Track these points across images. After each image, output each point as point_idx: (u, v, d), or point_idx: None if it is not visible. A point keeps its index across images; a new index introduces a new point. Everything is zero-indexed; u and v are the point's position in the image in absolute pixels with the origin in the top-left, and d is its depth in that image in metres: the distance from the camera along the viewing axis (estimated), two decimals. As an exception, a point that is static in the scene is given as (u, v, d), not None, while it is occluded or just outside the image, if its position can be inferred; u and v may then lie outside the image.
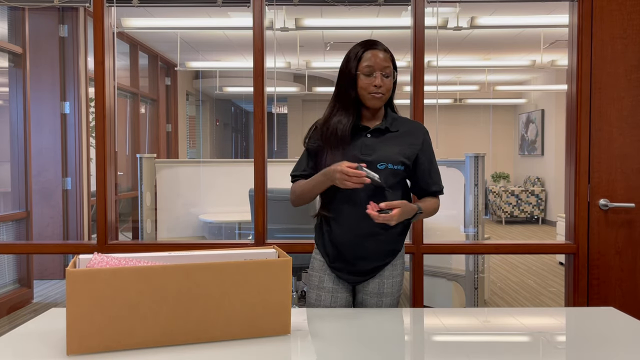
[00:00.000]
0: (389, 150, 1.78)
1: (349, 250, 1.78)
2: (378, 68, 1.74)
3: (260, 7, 2.61)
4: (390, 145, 1.79)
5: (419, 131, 1.86)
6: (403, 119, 1.88)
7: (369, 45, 1.78)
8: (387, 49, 1.80)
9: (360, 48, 1.78)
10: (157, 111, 7.50)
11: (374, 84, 1.74)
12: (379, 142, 1.79)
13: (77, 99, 5.14)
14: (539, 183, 10.09)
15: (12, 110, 4.58)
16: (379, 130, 1.80)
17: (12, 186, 4.63)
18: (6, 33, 4.63)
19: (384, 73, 1.74)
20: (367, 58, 1.75)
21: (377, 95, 1.75)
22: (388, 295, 1.82)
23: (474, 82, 10.25)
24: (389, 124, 1.81)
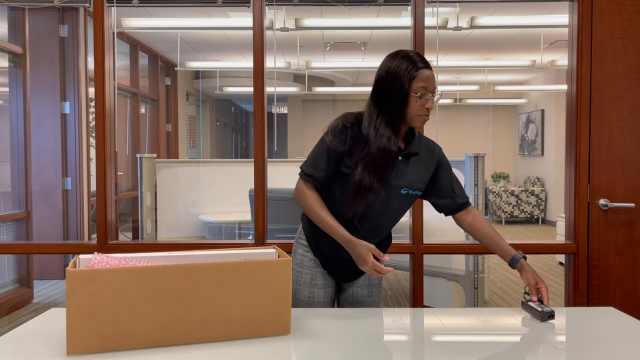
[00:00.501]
0: (413, 176, 1.74)
1: (346, 258, 1.75)
2: (431, 90, 1.63)
3: (260, 7, 2.61)
4: (414, 169, 1.74)
5: (433, 151, 1.81)
6: (420, 137, 1.80)
7: (422, 63, 1.64)
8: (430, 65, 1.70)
9: (412, 65, 1.62)
10: (157, 111, 7.50)
11: (426, 107, 1.63)
12: (407, 167, 1.73)
13: (77, 99, 5.15)
14: (539, 183, 10.09)
15: (12, 110, 4.58)
16: (409, 154, 1.73)
17: (12, 186, 4.63)
18: (6, 33, 4.63)
19: (433, 94, 1.65)
20: (422, 79, 1.61)
21: (425, 117, 1.66)
22: (377, 286, 1.90)
23: (474, 82, 10.25)
24: (417, 146, 1.74)
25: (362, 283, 1.87)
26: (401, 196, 1.73)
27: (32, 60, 4.91)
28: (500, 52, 7.76)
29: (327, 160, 1.70)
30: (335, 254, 1.79)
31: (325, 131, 1.72)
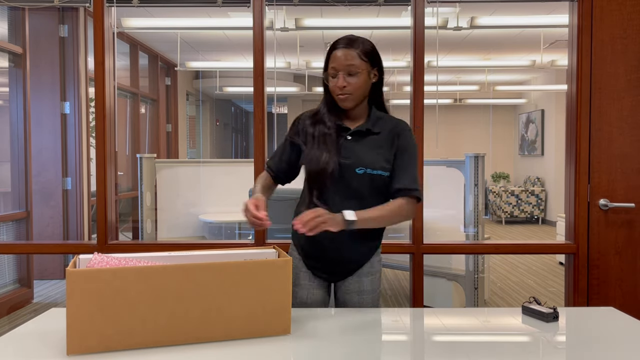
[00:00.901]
0: (369, 155, 1.70)
1: (325, 251, 1.75)
2: (340, 68, 1.67)
3: (260, 7, 2.61)
4: (371, 148, 1.72)
5: (395, 132, 1.75)
6: (388, 118, 1.79)
7: (334, 44, 1.72)
8: (356, 43, 1.69)
9: (329, 49, 1.73)
10: (157, 111, 7.50)
11: (337, 85, 1.69)
12: (360, 145, 1.72)
13: (77, 99, 5.15)
14: (539, 183, 10.09)
15: (12, 110, 4.58)
16: (360, 133, 1.73)
17: (12, 186, 4.63)
18: (6, 33, 4.63)
19: (349, 72, 1.67)
20: (333, 59, 1.70)
21: (342, 96, 1.70)
22: (368, 293, 1.80)
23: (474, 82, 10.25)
24: (371, 125, 1.74)
25: (352, 289, 1.80)
26: (360, 176, 1.69)
27: (32, 60, 4.91)
28: (500, 52, 7.76)
29: (283, 151, 1.84)
30: (314, 249, 1.77)
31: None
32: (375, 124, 1.75)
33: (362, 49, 1.70)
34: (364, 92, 1.73)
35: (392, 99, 10.46)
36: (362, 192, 1.71)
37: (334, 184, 1.71)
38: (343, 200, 1.69)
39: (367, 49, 1.71)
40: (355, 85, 1.69)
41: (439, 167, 4.07)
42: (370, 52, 1.72)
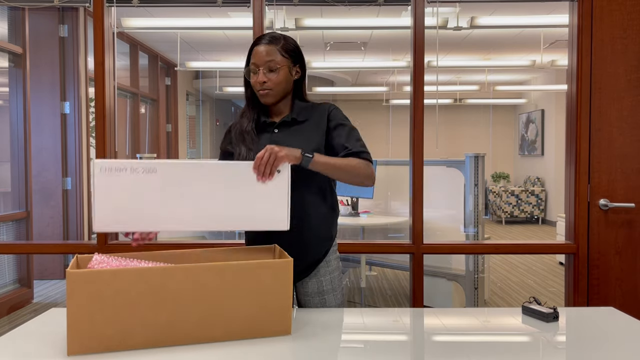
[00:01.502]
0: (299, 143, 1.68)
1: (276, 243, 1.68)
2: (261, 64, 1.67)
3: (260, 7, 2.61)
4: (300, 136, 1.72)
5: (323, 112, 1.76)
6: (312, 105, 1.79)
7: (256, 41, 1.72)
8: (276, 40, 1.70)
9: (252, 44, 1.73)
10: (157, 111, 7.50)
11: (257, 81, 1.69)
12: (288, 136, 1.72)
13: (77, 99, 5.15)
14: (539, 183, 10.09)
15: (12, 110, 4.58)
16: (286, 124, 1.74)
17: (12, 186, 4.63)
18: (6, 33, 4.63)
19: (268, 67, 1.67)
20: (253, 55, 1.70)
21: (262, 92, 1.70)
22: (329, 292, 1.77)
23: (474, 82, 10.25)
24: (296, 114, 1.75)
25: (312, 290, 1.77)
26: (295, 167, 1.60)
27: (32, 60, 4.91)
28: (500, 52, 7.77)
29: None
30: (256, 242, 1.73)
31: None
32: (300, 114, 1.75)
33: (283, 45, 1.70)
34: (285, 88, 1.73)
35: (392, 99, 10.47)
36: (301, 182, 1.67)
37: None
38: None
39: (289, 46, 1.72)
40: (276, 80, 1.69)
41: (439, 167, 4.07)
42: (291, 49, 1.72)
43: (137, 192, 1.33)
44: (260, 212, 1.46)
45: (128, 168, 1.33)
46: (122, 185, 1.32)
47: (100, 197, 1.28)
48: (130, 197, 1.32)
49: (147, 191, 1.35)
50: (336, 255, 1.83)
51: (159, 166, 1.37)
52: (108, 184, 1.30)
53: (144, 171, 1.34)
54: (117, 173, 1.31)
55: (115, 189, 1.31)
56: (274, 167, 1.48)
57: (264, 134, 1.75)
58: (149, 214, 1.35)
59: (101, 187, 1.29)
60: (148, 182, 1.35)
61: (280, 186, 1.48)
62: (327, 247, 1.79)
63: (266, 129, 1.75)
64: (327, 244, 1.78)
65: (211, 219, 1.40)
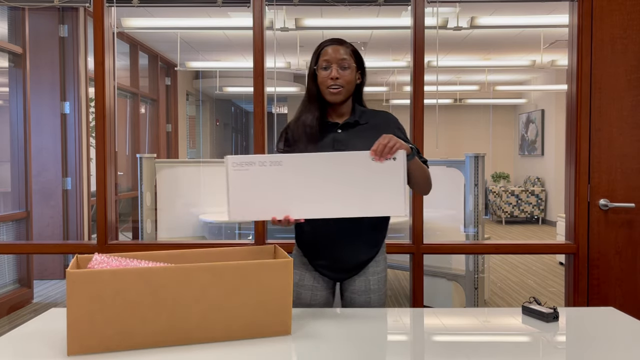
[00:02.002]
0: (362, 144, 1.71)
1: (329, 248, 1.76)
2: (334, 61, 1.73)
3: (260, 7, 2.61)
4: (362, 138, 1.75)
5: (389, 121, 1.83)
6: (371, 111, 1.86)
7: (328, 41, 1.79)
8: (348, 45, 1.79)
9: (319, 46, 1.79)
10: (157, 111, 7.50)
11: (330, 77, 1.72)
12: (351, 136, 1.77)
13: (77, 99, 5.15)
14: (539, 183, 10.09)
15: (12, 110, 4.58)
16: (349, 124, 1.78)
17: (12, 186, 4.63)
18: (6, 33, 4.63)
19: (341, 65, 1.73)
20: (323, 52, 1.76)
21: (333, 88, 1.73)
22: (375, 292, 1.82)
23: (474, 82, 10.25)
24: (358, 117, 1.80)
25: (359, 288, 1.81)
26: None
27: (32, 60, 4.91)
28: (500, 52, 7.76)
29: None
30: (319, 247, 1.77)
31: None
32: (361, 117, 1.81)
33: (352, 49, 1.79)
34: (351, 89, 1.78)
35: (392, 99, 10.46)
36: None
37: None
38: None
39: (356, 52, 1.80)
40: (347, 78, 1.74)
41: (439, 167, 4.06)
42: (357, 54, 1.80)
43: (265, 183, 1.43)
44: (379, 199, 1.53)
45: (256, 162, 1.43)
46: (252, 178, 1.42)
47: (234, 189, 1.38)
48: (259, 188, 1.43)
49: (274, 182, 1.44)
50: (384, 256, 1.87)
51: (284, 158, 1.48)
52: (240, 177, 1.40)
53: (271, 164, 1.45)
54: (247, 167, 1.42)
55: (247, 182, 1.41)
56: (392, 151, 1.54)
57: (326, 133, 1.77)
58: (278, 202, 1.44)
59: (234, 180, 1.39)
60: (275, 174, 1.45)
61: (396, 173, 1.54)
62: (379, 247, 1.84)
63: (328, 129, 1.78)
64: (380, 244, 1.84)
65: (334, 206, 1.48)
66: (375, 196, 1.52)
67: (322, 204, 1.48)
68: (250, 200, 1.43)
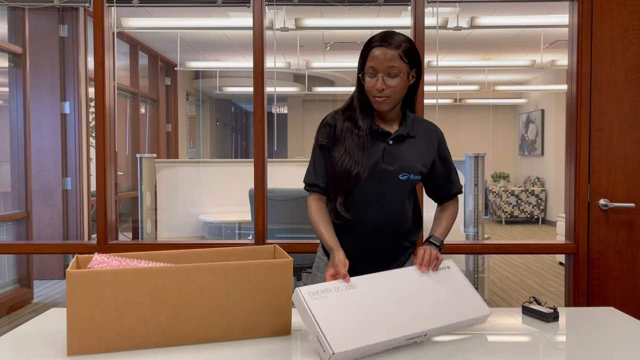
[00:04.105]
0: (410, 159, 1.66)
1: (361, 257, 1.68)
2: (381, 69, 1.58)
3: (260, 7, 2.61)
4: (410, 152, 1.67)
5: (432, 135, 1.74)
6: (419, 119, 1.75)
7: (375, 42, 1.61)
8: (397, 43, 1.59)
9: (366, 45, 1.63)
10: (157, 111, 7.50)
11: (375, 87, 1.59)
12: (400, 150, 1.66)
13: (77, 99, 5.14)
14: (539, 183, 10.09)
15: (12, 110, 4.58)
16: (400, 137, 1.67)
17: (12, 186, 4.63)
18: (6, 33, 4.63)
19: (389, 73, 1.58)
20: (371, 58, 1.59)
21: (379, 99, 1.61)
22: None
23: (474, 82, 10.24)
24: (409, 128, 1.68)
25: None
26: (401, 182, 1.65)
27: (32, 60, 4.91)
28: (500, 52, 7.76)
29: (324, 161, 1.70)
30: (349, 254, 1.66)
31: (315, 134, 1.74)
32: (412, 128, 1.70)
33: (404, 49, 1.60)
34: (402, 95, 1.65)
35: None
36: (396, 197, 1.67)
37: (366, 190, 1.64)
38: (369, 206, 1.65)
39: (409, 49, 1.61)
40: (395, 88, 1.60)
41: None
42: (411, 52, 1.62)
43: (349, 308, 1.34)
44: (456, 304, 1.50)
45: (331, 289, 1.37)
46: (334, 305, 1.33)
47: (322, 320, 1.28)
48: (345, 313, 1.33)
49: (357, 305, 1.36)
50: (410, 259, 1.80)
51: (357, 281, 1.41)
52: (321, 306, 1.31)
53: (346, 288, 1.38)
54: (324, 294, 1.34)
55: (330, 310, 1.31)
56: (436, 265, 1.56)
57: (375, 141, 1.66)
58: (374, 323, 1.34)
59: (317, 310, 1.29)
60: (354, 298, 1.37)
61: (459, 279, 1.58)
62: (410, 251, 1.80)
63: (378, 137, 1.66)
64: (411, 250, 1.80)
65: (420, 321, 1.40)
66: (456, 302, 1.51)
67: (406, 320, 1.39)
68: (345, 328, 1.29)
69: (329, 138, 1.68)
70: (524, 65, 7.02)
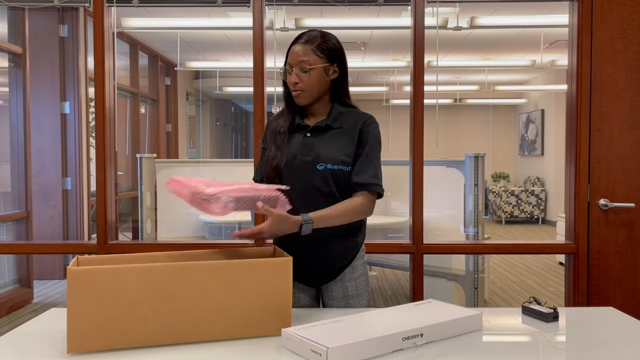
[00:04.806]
0: (329, 149, 1.66)
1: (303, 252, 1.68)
2: (293, 64, 1.66)
3: (260, 7, 2.61)
4: (331, 143, 1.68)
5: (359, 122, 1.70)
6: (352, 112, 1.74)
7: (294, 39, 1.69)
8: (312, 39, 1.65)
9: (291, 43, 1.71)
10: (157, 111, 7.50)
11: (289, 81, 1.67)
12: (319, 141, 1.68)
13: (77, 99, 5.15)
14: (539, 183, 10.09)
15: (12, 110, 4.58)
16: (319, 129, 1.69)
17: (12, 186, 4.63)
18: (6, 33, 4.63)
19: (300, 68, 1.64)
20: (288, 54, 1.69)
21: (295, 92, 1.67)
22: (354, 298, 1.76)
23: (474, 82, 10.25)
24: (332, 120, 1.69)
25: (336, 295, 1.76)
26: (321, 172, 1.64)
27: (32, 60, 4.91)
28: (500, 52, 7.76)
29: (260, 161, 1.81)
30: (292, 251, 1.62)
31: None
32: (336, 120, 1.70)
33: (320, 44, 1.65)
34: (320, 89, 1.68)
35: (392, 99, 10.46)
36: (324, 188, 1.66)
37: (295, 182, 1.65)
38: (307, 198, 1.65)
39: (325, 45, 1.66)
40: (308, 82, 1.65)
41: (439, 167, 4.06)
42: (328, 47, 1.67)
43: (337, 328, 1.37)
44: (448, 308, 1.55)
45: (317, 324, 1.40)
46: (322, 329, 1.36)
47: (311, 335, 1.30)
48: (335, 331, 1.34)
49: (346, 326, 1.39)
50: (363, 260, 1.79)
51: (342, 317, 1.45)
52: (309, 329, 1.34)
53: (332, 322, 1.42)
54: (310, 327, 1.36)
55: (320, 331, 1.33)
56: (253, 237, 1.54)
57: (295, 135, 1.71)
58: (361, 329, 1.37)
59: (305, 332, 1.32)
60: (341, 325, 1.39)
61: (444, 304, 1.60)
62: (353, 253, 1.76)
63: (299, 130, 1.72)
64: (353, 251, 1.76)
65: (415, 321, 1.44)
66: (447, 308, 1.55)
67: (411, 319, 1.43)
68: (337, 335, 1.30)
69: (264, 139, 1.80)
70: (524, 65, 7.02)
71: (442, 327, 1.42)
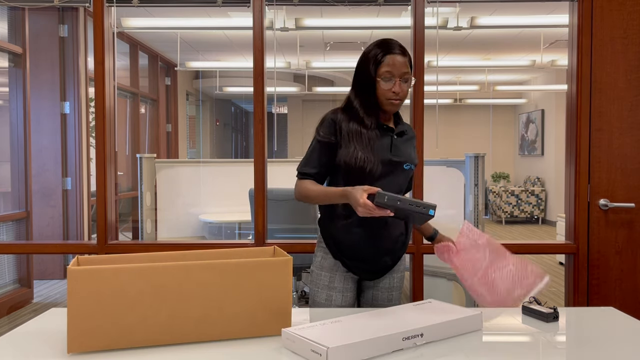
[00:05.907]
0: (410, 151, 1.86)
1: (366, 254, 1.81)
2: (397, 74, 1.72)
3: (260, 7, 2.61)
4: (409, 146, 1.86)
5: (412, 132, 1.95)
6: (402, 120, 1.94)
7: (389, 48, 1.74)
8: (406, 51, 1.77)
9: (380, 51, 1.74)
10: (157, 111, 7.50)
11: (392, 90, 1.73)
12: (403, 144, 1.84)
13: (77, 99, 5.15)
14: (539, 183, 10.09)
15: (12, 110, 4.58)
16: (401, 133, 1.85)
17: (12, 186, 4.63)
18: (6, 33, 4.63)
19: (402, 79, 1.73)
20: (386, 63, 1.72)
21: (395, 101, 1.75)
22: (397, 289, 1.91)
23: (474, 82, 10.25)
24: (404, 126, 1.87)
25: (383, 285, 1.88)
26: (405, 172, 1.83)
27: (32, 60, 4.91)
28: (500, 52, 7.76)
29: (319, 155, 1.80)
30: (355, 250, 1.80)
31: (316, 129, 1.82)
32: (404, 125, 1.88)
33: (409, 57, 1.78)
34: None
35: (392, 99, 10.45)
36: (403, 185, 1.87)
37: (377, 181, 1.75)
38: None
39: (410, 57, 1.80)
40: (406, 92, 1.76)
41: (439, 167, 4.06)
42: (411, 60, 1.81)
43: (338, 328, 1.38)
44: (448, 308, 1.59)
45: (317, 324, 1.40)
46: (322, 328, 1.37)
47: (311, 335, 1.31)
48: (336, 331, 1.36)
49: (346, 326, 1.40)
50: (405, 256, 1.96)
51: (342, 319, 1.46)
52: (308, 329, 1.35)
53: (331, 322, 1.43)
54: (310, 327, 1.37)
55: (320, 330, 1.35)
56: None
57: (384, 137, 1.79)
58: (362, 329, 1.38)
59: (305, 332, 1.34)
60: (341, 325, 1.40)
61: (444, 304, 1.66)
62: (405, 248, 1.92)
63: (383, 132, 1.80)
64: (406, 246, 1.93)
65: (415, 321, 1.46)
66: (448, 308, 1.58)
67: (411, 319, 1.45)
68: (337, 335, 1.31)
69: (334, 134, 1.77)
70: (524, 65, 7.02)
71: (442, 327, 1.42)
